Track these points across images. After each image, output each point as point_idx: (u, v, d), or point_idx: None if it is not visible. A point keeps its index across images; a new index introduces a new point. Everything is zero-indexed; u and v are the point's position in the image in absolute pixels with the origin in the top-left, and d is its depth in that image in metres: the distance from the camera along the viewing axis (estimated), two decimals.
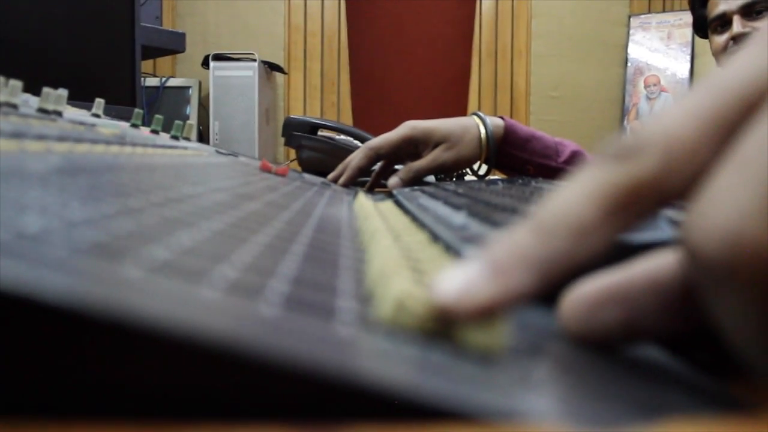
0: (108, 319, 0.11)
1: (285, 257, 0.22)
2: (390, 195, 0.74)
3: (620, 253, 0.19)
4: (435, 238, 0.31)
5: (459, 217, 0.35)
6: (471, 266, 0.17)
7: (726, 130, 0.17)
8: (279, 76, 2.66)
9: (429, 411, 0.12)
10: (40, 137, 0.37)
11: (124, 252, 0.16)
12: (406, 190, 0.68)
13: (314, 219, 0.37)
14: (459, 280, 0.17)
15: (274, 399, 0.12)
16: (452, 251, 0.27)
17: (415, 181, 0.81)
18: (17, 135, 0.35)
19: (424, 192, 0.61)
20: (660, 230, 0.24)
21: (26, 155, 0.30)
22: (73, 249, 0.15)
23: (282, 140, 1.06)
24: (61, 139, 0.40)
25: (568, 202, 0.17)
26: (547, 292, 0.17)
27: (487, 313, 0.16)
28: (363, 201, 0.53)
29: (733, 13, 1.29)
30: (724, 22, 1.31)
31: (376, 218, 0.38)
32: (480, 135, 0.83)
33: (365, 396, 0.12)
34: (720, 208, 0.15)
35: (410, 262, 0.22)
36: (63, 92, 0.54)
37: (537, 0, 3.01)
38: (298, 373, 0.11)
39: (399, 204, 0.55)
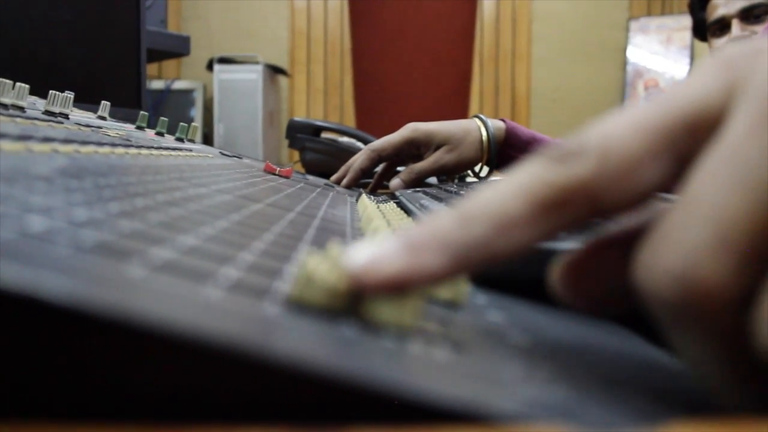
0: (111, 319, 0.11)
1: (289, 258, 0.23)
2: (393, 196, 0.74)
3: (545, 260, 0.19)
4: None
5: None
6: (386, 241, 0.17)
7: (670, 149, 0.16)
8: (282, 79, 2.66)
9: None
10: (46, 139, 0.37)
11: (128, 252, 0.16)
12: (409, 191, 0.68)
13: (318, 220, 0.37)
14: (370, 252, 0.16)
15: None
16: None
17: (417, 182, 0.82)
18: (24, 137, 0.35)
19: (426, 193, 0.61)
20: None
21: (33, 157, 0.30)
22: (77, 249, 0.15)
23: (286, 142, 1.07)
24: (67, 141, 0.40)
25: (496, 193, 0.17)
26: (463, 276, 0.17)
27: (393, 287, 0.16)
28: (366, 202, 0.53)
29: (732, 17, 1.29)
30: (723, 25, 1.31)
31: (378, 219, 0.38)
32: (481, 137, 0.83)
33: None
34: (670, 247, 0.15)
35: None
36: (69, 95, 0.54)
37: (537, 3, 3.02)
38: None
39: (401, 205, 0.55)
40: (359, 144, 1.00)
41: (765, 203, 0.14)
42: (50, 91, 0.53)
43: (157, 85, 2.28)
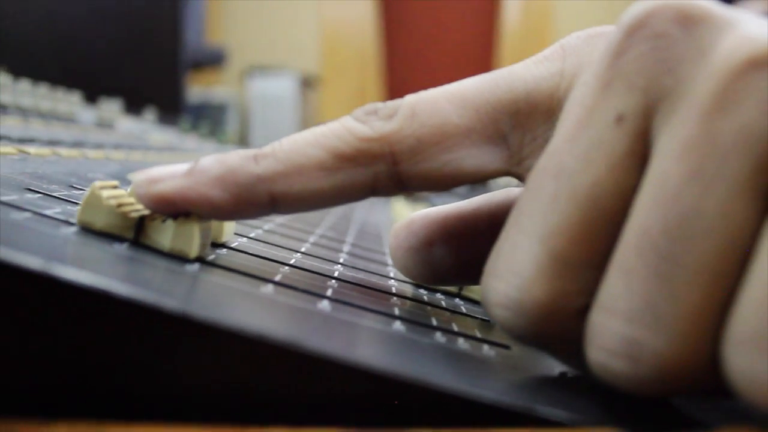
0: (173, 317, 0.12)
1: (334, 260, 0.24)
2: (426, 200, 0.75)
3: None
4: None
5: None
6: (176, 166, 0.16)
7: (488, 127, 0.16)
8: (315, 88, 2.69)
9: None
10: (99, 146, 0.39)
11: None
12: (442, 195, 0.69)
13: (356, 224, 0.38)
14: (156, 170, 0.16)
15: None
16: None
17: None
18: (78, 144, 0.37)
19: (458, 197, 0.61)
20: None
21: (88, 162, 0.32)
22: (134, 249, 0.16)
23: None
24: (117, 147, 0.42)
25: (298, 137, 0.17)
26: (239, 215, 0.17)
27: (164, 203, 0.16)
28: (400, 206, 0.54)
29: None
30: None
31: None
32: None
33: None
34: (503, 271, 0.15)
35: None
36: (117, 103, 0.56)
37: (561, 11, 3.00)
38: None
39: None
40: None
41: (586, 212, 0.14)
42: (100, 99, 0.55)
43: (195, 92, 2.32)
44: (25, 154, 0.26)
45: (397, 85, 2.83)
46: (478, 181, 0.17)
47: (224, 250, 0.20)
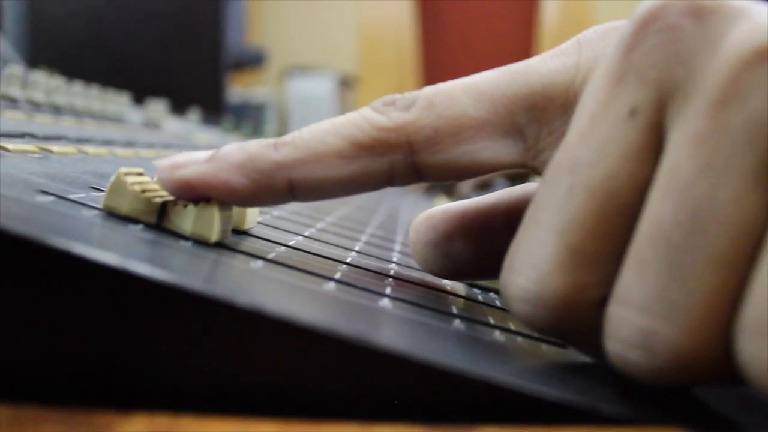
0: (237, 310, 0.12)
1: (387, 259, 0.24)
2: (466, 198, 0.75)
3: None
4: None
5: None
6: (198, 153, 0.17)
7: (505, 120, 0.16)
8: (353, 88, 2.70)
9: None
10: (149, 145, 0.40)
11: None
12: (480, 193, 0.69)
13: (402, 223, 0.38)
14: (179, 156, 0.17)
15: None
16: None
17: (485, 185, 0.82)
18: (130, 143, 0.38)
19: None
20: None
21: (142, 162, 0.33)
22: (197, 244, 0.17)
23: None
24: (167, 146, 0.42)
25: (317, 126, 0.17)
26: (258, 202, 0.17)
27: (185, 188, 0.16)
28: (441, 202, 0.54)
29: None
30: None
31: None
32: None
33: None
34: (521, 265, 0.15)
35: None
36: (163, 103, 0.57)
37: (601, 10, 2.96)
38: None
39: None
40: None
41: (601, 205, 0.14)
42: (147, 100, 0.56)
43: (234, 92, 2.35)
44: (84, 154, 0.27)
45: (434, 84, 2.81)
46: (494, 171, 0.17)
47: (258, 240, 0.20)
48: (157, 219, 0.17)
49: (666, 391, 0.14)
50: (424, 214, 0.19)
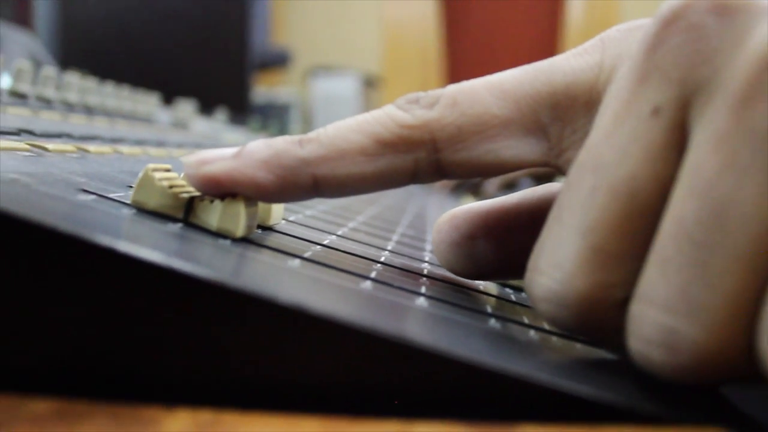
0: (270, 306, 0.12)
1: (420, 258, 0.24)
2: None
3: None
4: None
5: None
6: (225, 149, 0.17)
7: (528, 119, 0.16)
8: (377, 88, 2.70)
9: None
10: (180, 145, 0.40)
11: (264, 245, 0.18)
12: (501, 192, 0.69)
13: (431, 222, 0.38)
14: (206, 152, 0.17)
15: None
16: None
17: (511, 185, 0.82)
18: (161, 143, 0.38)
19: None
20: None
21: (174, 162, 0.33)
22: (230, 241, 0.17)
23: None
24: (197, 146, 0.43)
25: (342, 123, 0.17)
26: (283, 198, 0.17)
27: (213, 184, 0.17)
28: (467, 201, 0.54)
29: None
30: None
31: None
32: None
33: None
34: (546, 266, 0.15)
35: None
36: (191, 103, 0.58)
37: (627, 10, 2.93)
38: None
39: None
40: None
41: (625, 204, 0.14)
42: (176, 100, 0.56)
43: (258, 92, 2.36)
44: (119, 154, 0.27)
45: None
46: (518, 170, 0.17)
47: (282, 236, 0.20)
48: (184, 214, 0.17)
49: (695, 391, 0.14)
50: (446, 214, 0.19)
